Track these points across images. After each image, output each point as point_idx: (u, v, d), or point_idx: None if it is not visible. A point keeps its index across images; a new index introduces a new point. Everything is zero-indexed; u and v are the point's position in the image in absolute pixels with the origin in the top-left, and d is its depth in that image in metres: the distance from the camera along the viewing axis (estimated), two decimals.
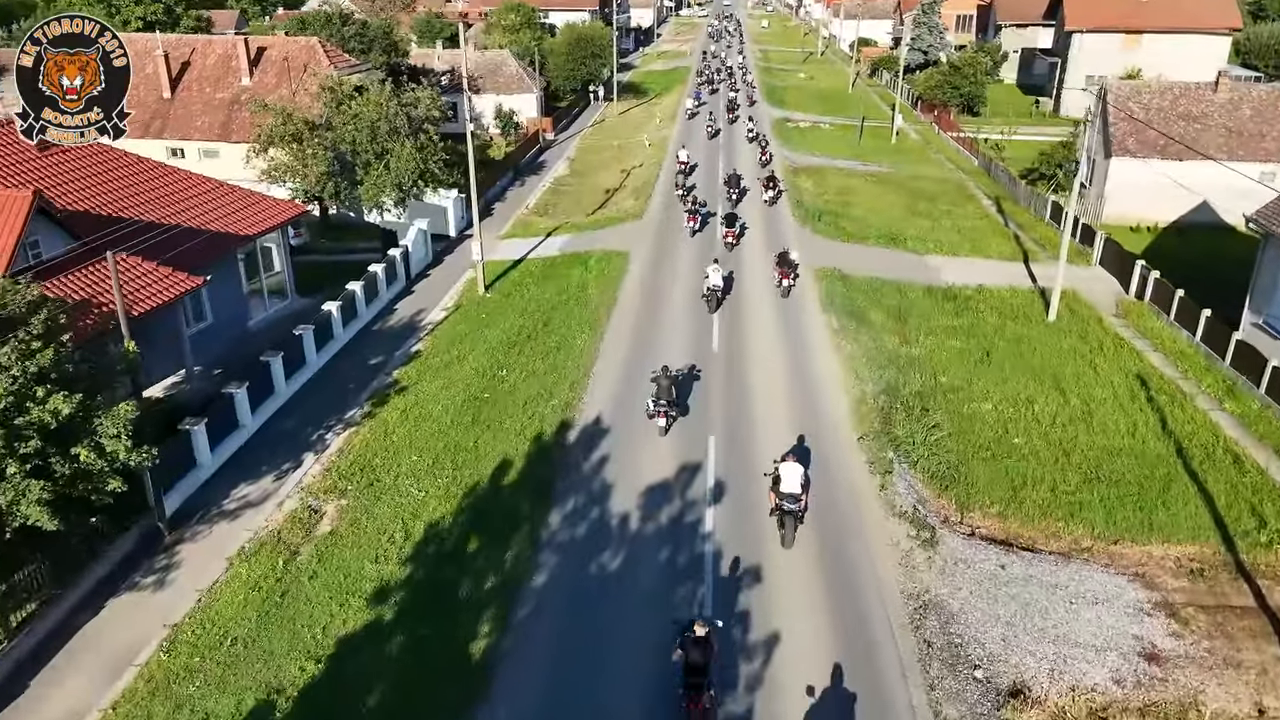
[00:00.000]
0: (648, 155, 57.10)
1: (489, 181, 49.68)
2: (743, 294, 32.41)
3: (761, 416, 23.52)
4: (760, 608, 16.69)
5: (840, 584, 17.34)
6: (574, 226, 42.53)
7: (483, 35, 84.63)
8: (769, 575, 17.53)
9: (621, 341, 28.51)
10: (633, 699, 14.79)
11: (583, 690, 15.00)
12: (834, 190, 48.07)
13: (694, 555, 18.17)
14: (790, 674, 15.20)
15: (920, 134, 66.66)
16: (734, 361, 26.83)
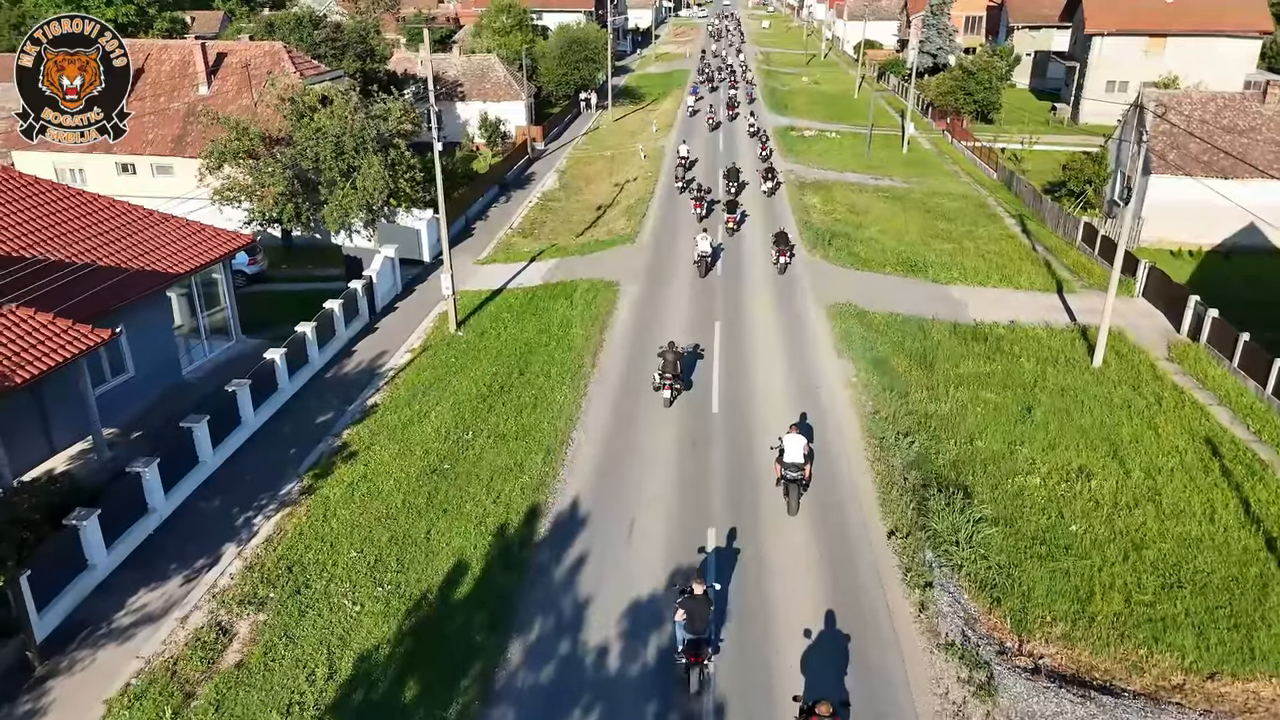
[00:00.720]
0: (643, 167, 53.35)
1: (471, 197, 45.98)
2: (748, 357, 28.69)
3: (771, 516, 19.76)
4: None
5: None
6: (560, 250, 38.77)
7: (472, 38, 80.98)
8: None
9: (606, 398, 24.76)
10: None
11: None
12: (844, 208, 44.33)
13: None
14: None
15: (933, 143, 62.92)
16: (739, 436, 22.98)
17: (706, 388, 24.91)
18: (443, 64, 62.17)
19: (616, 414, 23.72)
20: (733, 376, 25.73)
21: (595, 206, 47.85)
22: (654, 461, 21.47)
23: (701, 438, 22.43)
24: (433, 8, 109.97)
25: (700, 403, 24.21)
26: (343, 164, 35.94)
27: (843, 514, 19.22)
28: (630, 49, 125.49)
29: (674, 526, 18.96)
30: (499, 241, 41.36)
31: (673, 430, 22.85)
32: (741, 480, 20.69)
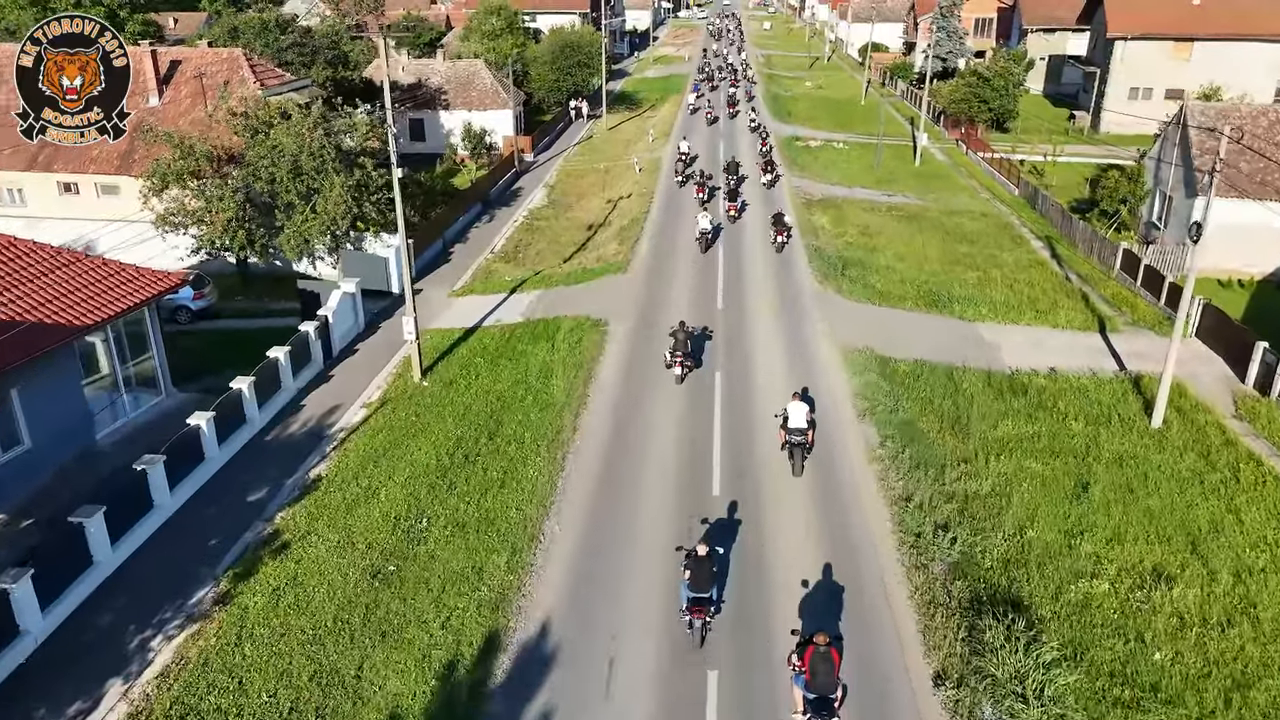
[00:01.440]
0: (638, 182, 49.67)
1: (450, 217, 42.32)
2: (756, 423, 25.02)
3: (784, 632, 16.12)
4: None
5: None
6: (545, 279, 35.07)
7: (460, 42, 77.29)
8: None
9: (586, 474, 21.06)
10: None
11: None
12: (856, 230, 40.66)
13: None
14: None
15: (946, 154, 59.25)
16: (750, 541, 19.39)
17: (706, 471, 21.10)
18: (425, 70, 58.50)
19: (598, 496, 20.03)
20: (739, 453, 22.02)
21: (586, 226, 44.21)
22: (641, 564, 17.81)
23: (700, 530, 18.75)
24: (424, 8, 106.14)
25: (700, 485, 20.50)
26: (302, 185, 32.31)
27: (873, 648, 15.50)
28: (628, 52, 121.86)
29: (669, 665, 15.29)
30: (478, 268, 37.67)
31: (666, 521, 19.16)
32: (756, 595, 17.03)
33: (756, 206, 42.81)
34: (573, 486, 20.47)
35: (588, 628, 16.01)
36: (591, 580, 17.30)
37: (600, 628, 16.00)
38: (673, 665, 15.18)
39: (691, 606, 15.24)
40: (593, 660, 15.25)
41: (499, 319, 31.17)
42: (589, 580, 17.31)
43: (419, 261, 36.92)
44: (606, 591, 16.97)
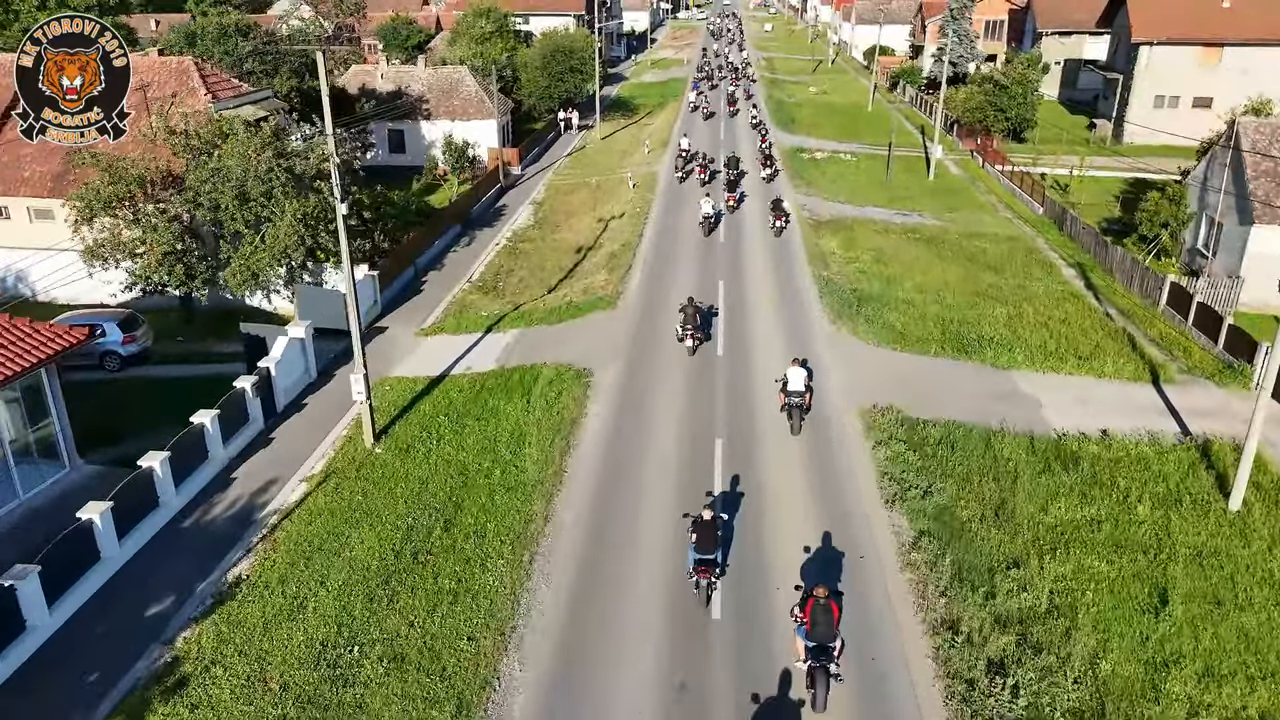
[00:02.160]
0: (631, 200, 46.02)
1: (425, 241, 38.68)
2: (767, 506, 21.36)
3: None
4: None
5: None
6: (524, 316, 31.41)
7: (447, 46, 73.65)
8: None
9: (558, 583, 17.36)
10: None
11: None
12: (869, 256, 37.00)
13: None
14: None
15: (961, 167, 55.58)
16: (756, 664, 15.76)
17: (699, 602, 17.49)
18: (405, 77, 54.85)
19: (571, 620, 16.35)
20: (748, 557, 18.36)
21: (574, 249, 40.57)
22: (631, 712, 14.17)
23: (695, 679, 15.07)
24: (412, 9, 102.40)
25: (696, 612, 16.80)
26: (249, 213, 28.68)
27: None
28: (625, 55, 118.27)
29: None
30: (452, 301, 34.00)
31: (652, 655, 15.48)
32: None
33: (756, 201, 43.75)
34: (539, 602, 16.79)
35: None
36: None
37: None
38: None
39: (698, 566, 16.19)
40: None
41: (470, 365, 27.51)
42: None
43: (386, 294, 33.32)
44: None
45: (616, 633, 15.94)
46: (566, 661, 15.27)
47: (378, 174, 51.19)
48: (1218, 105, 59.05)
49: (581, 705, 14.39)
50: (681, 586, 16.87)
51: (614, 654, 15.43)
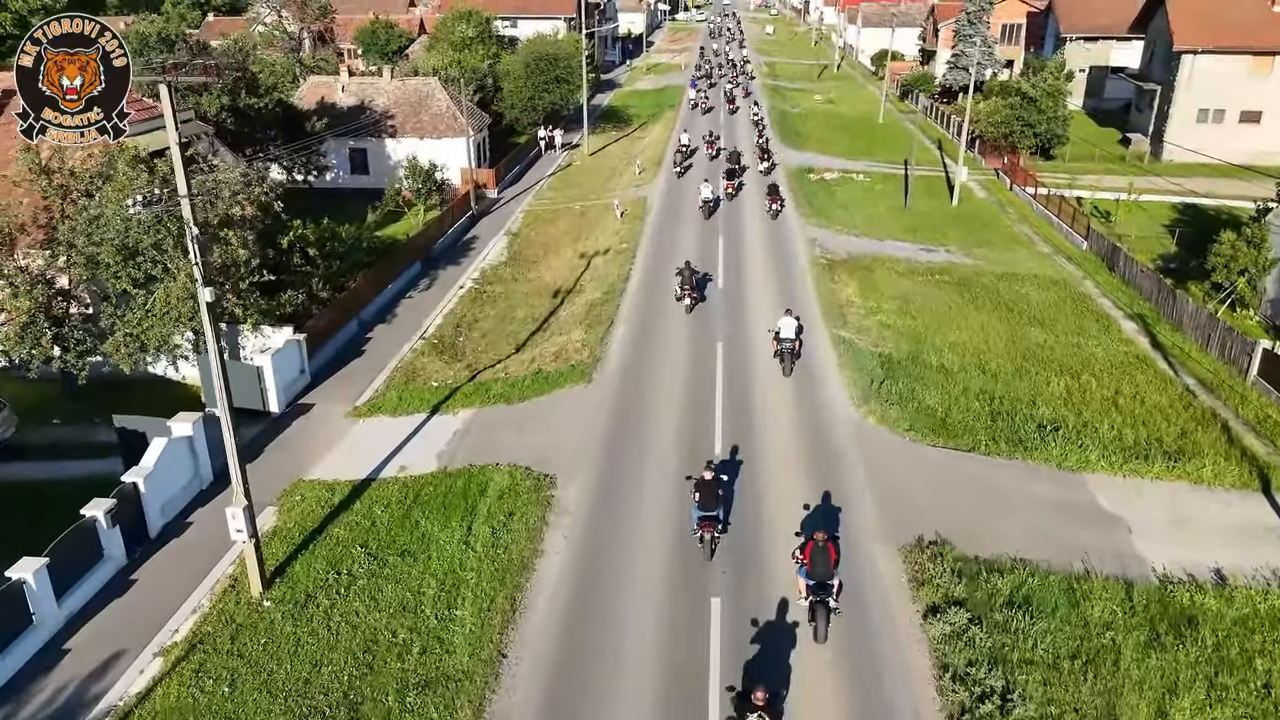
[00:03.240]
0: (618, 232, 40.56)
1: (376, 285, 33.21)
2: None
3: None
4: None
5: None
6: (481, 392, 25.87)
7: (425, 52, 68.21)
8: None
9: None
10: None
11: None
12: (893, 306, 31.55)
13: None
14: None
15: (987, 189, 50.08)
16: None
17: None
18: (369, 90, 49.37)
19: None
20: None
21: (551, 291, 35.14)
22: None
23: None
24: (394, 11, 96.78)
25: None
26: (136, 270, 23.20)
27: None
28: (620, 59, 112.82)
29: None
30: (399, 365, 28.48)
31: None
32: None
33: (754, 191, 45.25)
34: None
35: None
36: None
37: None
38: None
39: (701, 522, 17.34)
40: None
41: (406, 465, 22.04)
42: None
43: (318, 358, 27.85)
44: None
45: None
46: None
47: (335, 198, 45.94)
48: (1268, 120, 53.86)
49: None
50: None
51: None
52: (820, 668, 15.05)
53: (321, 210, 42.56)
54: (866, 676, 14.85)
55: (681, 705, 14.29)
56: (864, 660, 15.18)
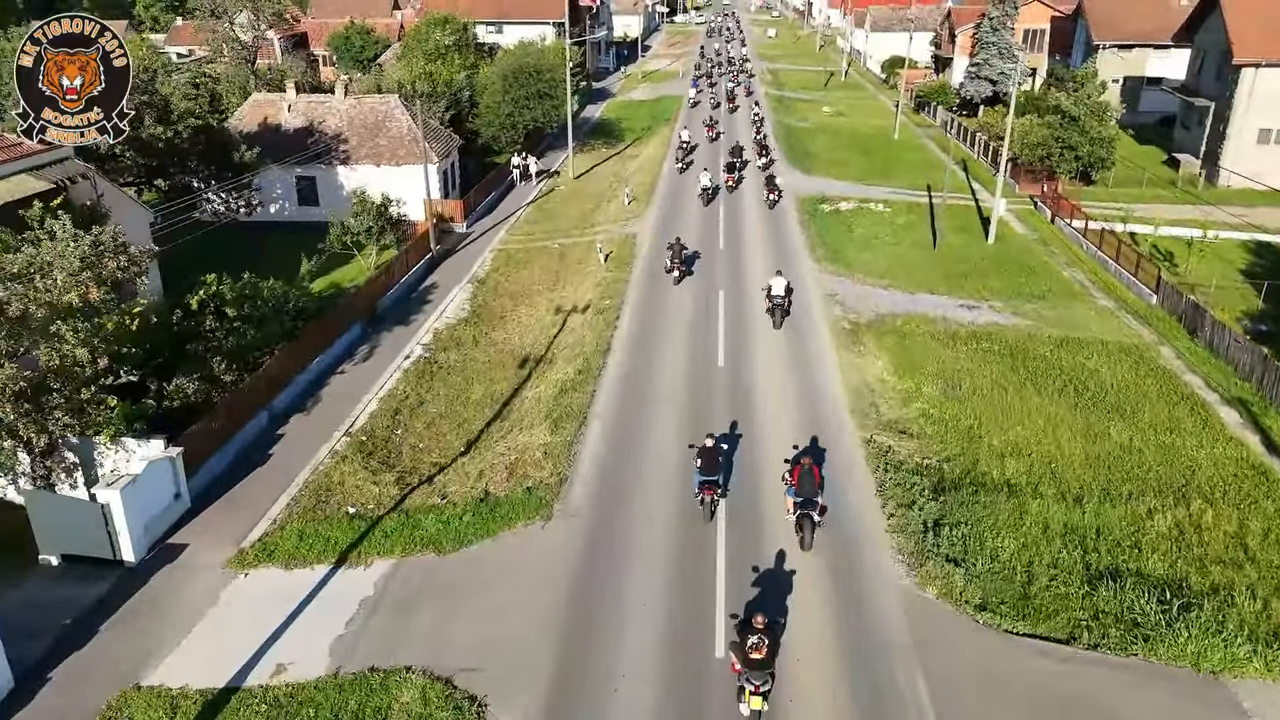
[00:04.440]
0: (601, 281, 34.45)
1: (301, 357, 27.08)
2: None
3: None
4: None
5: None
6: (405, 530, 19.59)
7: (398, 62, 62.07)
8: None
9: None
10: None
11: None
12: (934, 388, 25.45)
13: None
14: None
15: (1025, 221, 43.91)
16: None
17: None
18: (319, 110, 43.19)
19: None
20: None
21: (517, 360, 29.04)
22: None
23: None
24: (374, 15, 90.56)
25: None
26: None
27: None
28: (614, 66, 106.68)
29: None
30: (309, 480, 22.26)
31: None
32: None
33: (754, 185, 46.91)
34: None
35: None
36: None
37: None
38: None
39: (702, 485, 18.72)
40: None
41: (285, 663, 15.87)
42: None
43: (208, 471, 21.72)
44: None
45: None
46: None
47: (279, 232, 39.95)
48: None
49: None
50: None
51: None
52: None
53: (260, 249, 36.80)
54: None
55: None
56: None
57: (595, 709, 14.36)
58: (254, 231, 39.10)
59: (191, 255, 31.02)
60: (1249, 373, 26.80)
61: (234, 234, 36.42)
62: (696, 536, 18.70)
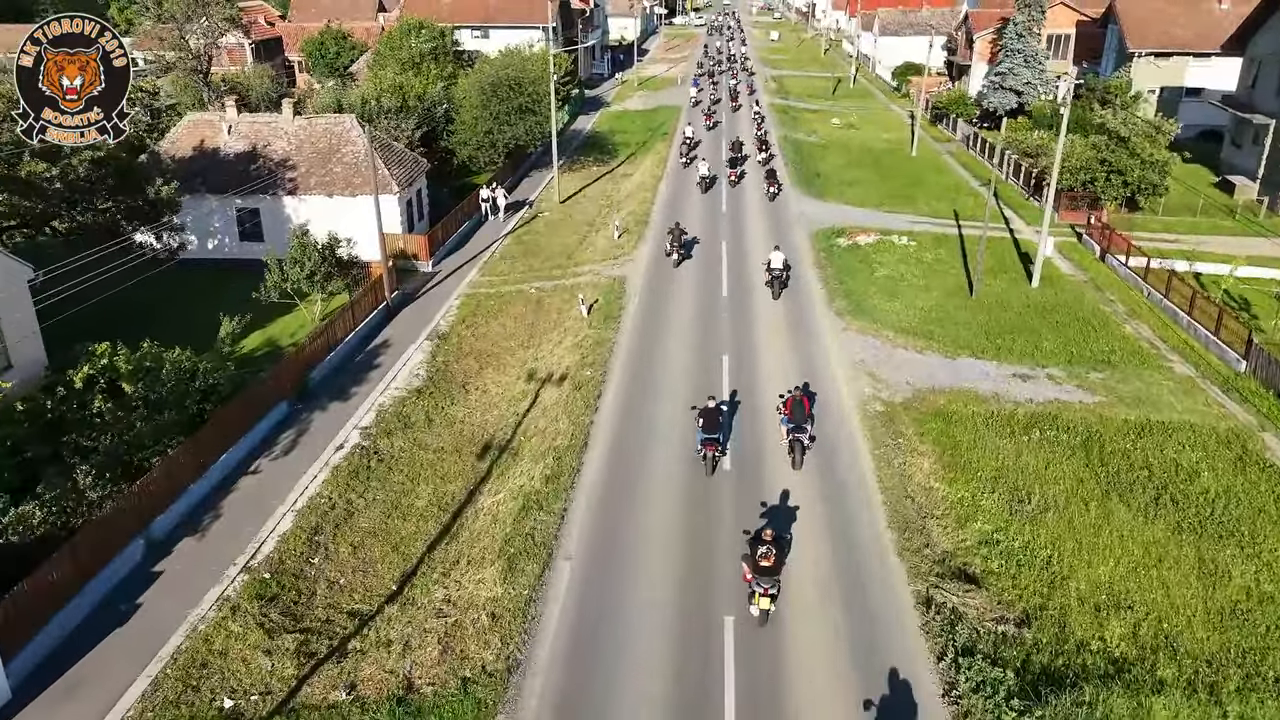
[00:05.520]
0: (583, 341, 29.05)
1: (202, 455, 21.69)
2: None
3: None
4: None
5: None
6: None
7: (370, 72, 56.69)
8: None
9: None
10: None
11: None
12: (994, 501, 20.13)
13: None
14: None
15: (1070, 257, 38.47)
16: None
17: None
18: (266, 132, 37.74)
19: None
20: None
21: (477, 450, 23.69)
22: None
23: None
24: (353, 18, 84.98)
25: None
26: None
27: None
28: (609, 71, 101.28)
29: None
30: (184, 644, 16.83)
31: None
32: None
33: (754, 182, 48.01)
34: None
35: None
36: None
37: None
38: None
39: (704, 443, 20.61)
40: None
41: None
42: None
43: (50, 632, 16.32)
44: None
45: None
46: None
47: (218, 271, 34.70)
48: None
49: None
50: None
51: None
52: None
53: (189, 297, 31.55)
54: None
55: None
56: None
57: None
58: (190, 272, 33.81)
59: (100, 312, 25.52)
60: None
61: (160, 279, 30.99)
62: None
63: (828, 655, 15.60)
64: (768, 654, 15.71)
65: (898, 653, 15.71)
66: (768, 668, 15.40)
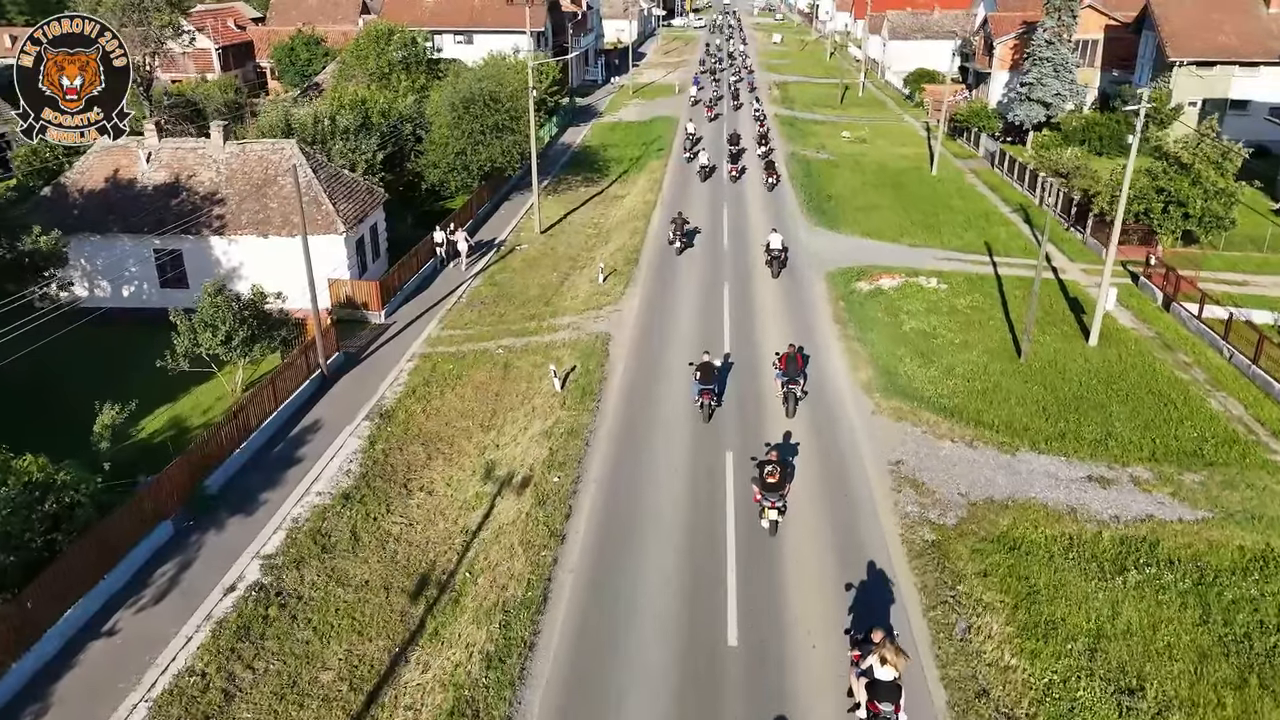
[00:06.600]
0: (552, 429, 23.62)
1: (49, 607, 16.30)
2: None
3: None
4: None
5: None
6: None
7: (336, 82, 51.44)
8: None
9: None
10: None
11: None
12: (1088, 675, 14.67)
13: None
14: None
15: (1129, 305, 33.08)
16: None
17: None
18: (192, 160, 32.31)
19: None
20: None
21: (412, 587, 18.41)
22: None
23: None
24: (333, 22, 79.44)
25: None
26: None
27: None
28: (603, 77, 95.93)
29: None
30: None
31: None
32: None
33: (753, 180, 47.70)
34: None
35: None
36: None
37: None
38: None
39: (701, 392, 22.63)
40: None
41: None
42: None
43: None
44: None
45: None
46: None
47: (133, 323, 29.38)
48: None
49: None
50: None
51: None
52: None
53: (87, 361, 26.21)
54: None
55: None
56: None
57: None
58: (103, 328, 28.27)
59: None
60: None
61: (69, 338, 25.44)
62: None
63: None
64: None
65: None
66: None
